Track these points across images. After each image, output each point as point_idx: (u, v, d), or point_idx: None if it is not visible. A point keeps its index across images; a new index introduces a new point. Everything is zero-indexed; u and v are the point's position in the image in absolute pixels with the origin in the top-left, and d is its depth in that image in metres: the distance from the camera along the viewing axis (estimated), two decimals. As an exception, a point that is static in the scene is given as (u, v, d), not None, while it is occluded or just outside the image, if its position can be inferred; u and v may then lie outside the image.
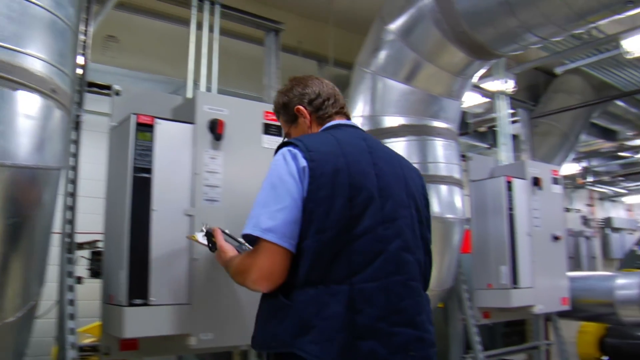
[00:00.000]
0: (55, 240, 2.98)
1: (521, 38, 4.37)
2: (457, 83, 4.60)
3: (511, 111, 6.83)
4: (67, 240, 3.53)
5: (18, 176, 2.13)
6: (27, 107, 2.16)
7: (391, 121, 4.47)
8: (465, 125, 9.80)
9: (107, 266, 3.34)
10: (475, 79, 4.88)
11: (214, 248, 2.64)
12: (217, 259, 2.57)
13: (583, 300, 6.20)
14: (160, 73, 6.43)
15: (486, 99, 8.02)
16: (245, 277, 2.16)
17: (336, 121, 2.43)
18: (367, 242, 2.09)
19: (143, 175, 3.12)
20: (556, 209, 5.64)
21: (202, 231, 2.76)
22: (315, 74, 7.73)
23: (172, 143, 3.24)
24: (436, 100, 4.53)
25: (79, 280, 3.54)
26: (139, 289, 3.03)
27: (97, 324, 3.58)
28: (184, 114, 3.42)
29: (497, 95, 6.57)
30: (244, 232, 2.15)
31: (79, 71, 3.70)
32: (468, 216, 5.15)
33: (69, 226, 3.54)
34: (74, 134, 3.60)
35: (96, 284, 3.49)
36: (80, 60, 3.72)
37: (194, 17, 4.32)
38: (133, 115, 3.14)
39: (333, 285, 2.03)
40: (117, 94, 3.57)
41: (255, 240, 2.10)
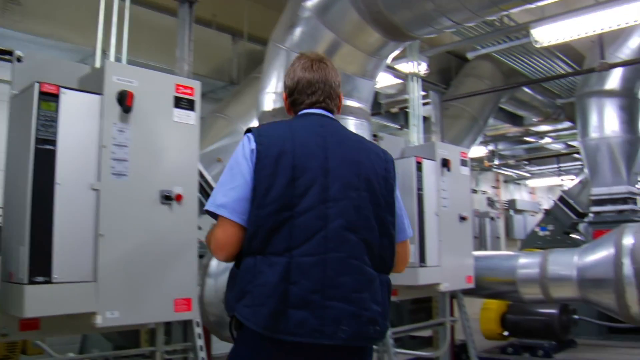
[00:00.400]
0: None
1: (436, 22, 4.44)
2: (372, 63, 4.62)
3: (423, 93, 6.93)
4: (-37, 213, 3.35)
5: None
6: None
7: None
8: (378, 106, 9.92)
9: (7, 242, 3.18)
10: (389, 60, 4.92)
11: None
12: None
13: (487, 278, 6.43)
14: (67, 40, 6.18)
15: (399, 81, 8.14)
16: (209, 248, 2.35)
17: (305, 110, 2.51)
18: (308, 219, 2.21)
19: (46, 147, 2.99)
20: (463, 190, 5.79)
21: None
22: (229, 48, 7.72)
23: (78, 114, 3.11)
24: (350, 79, 4.54)
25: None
26: (41, 266, 2.91)
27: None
28: (92, 84, 3.30)
29: (409, 77, 6.66)
30: (204, 208, 2.32)
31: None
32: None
33: (-36, 199, 3.37)
34: (-30, 101, 3.42)
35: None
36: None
37: (103, -18, 4.15)
38: (36, 84, 2.99)
39: (271, 257, 2.18)
40: (18, 60, 3.40)
41: (215, 216, 2.28)
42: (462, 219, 5.53)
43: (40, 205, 2.95)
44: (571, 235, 10.48)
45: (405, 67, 6.91)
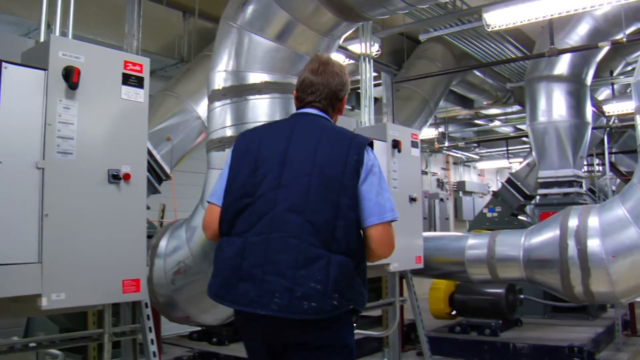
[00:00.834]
0: None
1: (389, 2, 4.43)
2: (324, 43, 4.59)
3: (374, 74, 6.93)
4: None
5: None
6: None
7: (255, 77, 4.39)
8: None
9: (-54, 221, 3.08)
10: (341, 40, 4.89)
11: None
12: None
13: (436, 259, 6.51)
14: (10, 13, 5.97)
15: (351, 61, 8.12)
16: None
17: (301, 110, 2.85)
18: (261, 204, 2.56)
19: (-13, 124, 2.89)
20: (414, 171, 5.82)
21: None
22: (180, 25, 7.58)
23: (21, 90, 3.01)
24: (302, 59, 4.50)
25: None
26: (-19, 246, 2.83)
27: None
28: (36, 59, 3.19)
29: (361, 58, 6.65)
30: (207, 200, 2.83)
31: None
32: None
33: None
34: None
35: None
36: None
37: (48, -47, 4.01)
38: (-24, 58, 2.89)
39: (233, 237, 2.59)
40: (-43, 33, 3.27)
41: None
42: (412, 200, 5.57)
43: (-19, 184, 2.85)
44: (518, 217, 10.68)
45: (358, 47, 6.89)
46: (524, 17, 7.02)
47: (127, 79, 3.45)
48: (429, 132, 14.16)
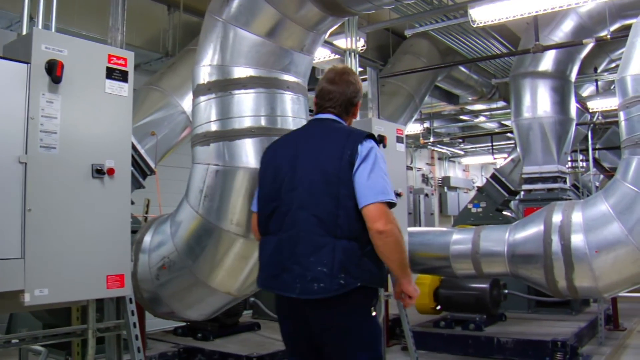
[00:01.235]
0: None
1: (375, -3, 4.43)
2: (309, 38, 4.58)
3: (360, 69, 6.92)
4: None
5: None
6: None
7: (240, 72, 4.37)
8: (315, 81, 9.86)
9: None
10: (326, 35, 4.88)
11: None
12: None
13: (420, 254, 6.52)
14: (-8, 6, 5.91)
15: (336, 56, 8.10)
16: None
17: (317, 115, 3.31)
18: (282, 206, 3.03)
19: (-31, 117, 2.86)
20: (399, 166, 5.83)
21: None
22: (165, 19, 7.54)
23: (2, 83, 2.99)
24: (287, 53, 4.48)
25: None
26: (-37, 241, 2.80)
27: None
28: (18, 52, 3.16)
29: (347, 52, 6.64)
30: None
31: None
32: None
33: None
34: None
35: None
36: None
37: (32, -55, 3.96)
38: (-43, 51, 2.86)
39: (269, 236, 3.09)
40: (-61, 25, 3.23)
41: None
42: (397, 195, 5.56)
43: (-37, 178, 2.82)
44: (503, 212, 10.73)
45: (343, 42, 6.88)
46: (509, 13, 7.06)
47: (111, 73, 3.44)
48: (414, 128, 14.17)
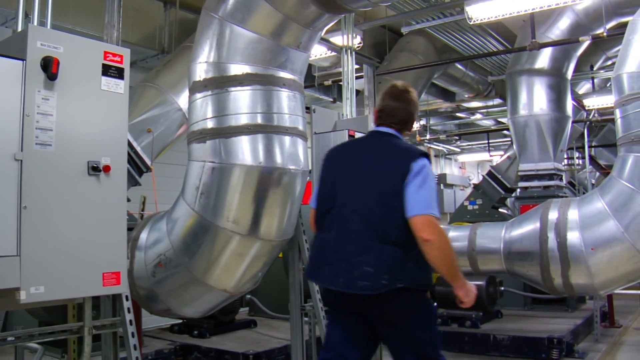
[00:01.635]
0: None
1: (371, -6, 4.42)
2: (306, 35, 4.57)
3: (356, 67, 6.93)
4: None
5: None
6: None
7: (236, 69, 4.37)
8: (311, 78, 9.88)
9: None
10: (323, 32, 4.87)
11: None
12: None
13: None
14: (-14, 2, 5.88)
15: (333, 53, 8.10)
16: None
17: (376, 128, 3.63)
18: (336, 207, 3.39)
19: (-36, 114, 2.85)
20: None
21: None
22: (161, 16, 7.52)
23: (-2, 80, 2.97)
24: (284, 50, 4.48)
25: None
26: (-42, 239, 2.79)
27: None
28: (14, 48, 3.15)
29: (343, 50, 6.64)
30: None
31: None
32: (310, 168, 5.20)
33: None
34: None
35: None
36: None
37: (27, -58, 3.95)
38: (-48, 47, 2.85)
39: (322, 233, 3.46)
40: None
41: None
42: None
43: (-42, 175, 2.82)
44: (499, 210, 10.72)
45: (340, 40, 6.88)
46: (506, 10, 7.06)
47: (107, 70, 3.42)
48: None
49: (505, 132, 15.48)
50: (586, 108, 11.54)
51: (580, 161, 13.73)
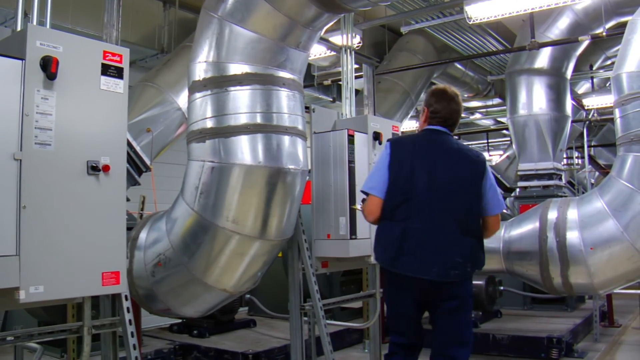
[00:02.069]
0: None
1: (371, -6, 4.42)
2: (305, 35, 4.57)
3: (356, 66, 6.92)
4: None
5: None
6: None
7: (236, 69, 4.37)
8: (311, 78, 9.88)
9: None
10: (322, 31, 4.87)
11: None
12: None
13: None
14: (-15, 1, 5.88)
15: (332, 53, 8.09)
16: (364, 215, 3.89)
17: (431, 126, 3.87)
18: (416, 201, 3.63)
19: (-37, 114, 2.85)
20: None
21: (359, 203, 4.46)
22: (160, 15, 7.52)
23: (-3, 79, 2.97)
24: (283, 50, 4.48)
25: None
26: (-42, 238, 2.79)
27: None
28: (13, 48, 3.15)
29: (343, 49, 6.63)
30: (361, 189, 3.89)
31: None
32: (310, 167, 5.19)
33: None
34: None
35: None
36: None
37: (27, -59, 3.94)
38: (-49, 46, 2.84)
39: (394, 222, 3.65)
40: None
41: (367, 194, 3.79)
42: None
43: (-43, 175, 2.82)
44: (498, 209, 10.72)
45: (339, 39, 6.87)
46: (505, 10, 7.07)
47: (106, 70, 3.42)
48: (410, 124, 14.15)
49: (504, 131, 15.46)
50: (585, 108, 11.55)
51: (580, 161, 13.75)
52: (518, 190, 9.30)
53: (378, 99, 9.25)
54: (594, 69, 10.71)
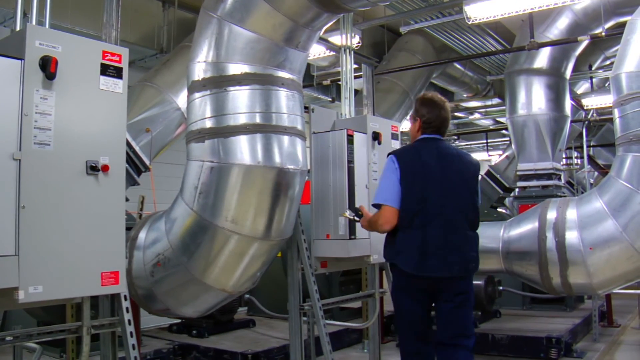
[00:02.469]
0: None
1: (370, -7, 4.42)
2: (305, 35, 4.57)
3: (355, 66, 6.92)
4: None
5: None
6: None
7: (235, 69, 4.37)
8: (310, 78, 9.87)
9: None
10: (322, 31, 4.87)
11: (358, 218, 4.37)
12: (363, 222, 4.34)
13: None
14: (-16, 1, 5.87)
15: (331, 53, 8.09)
16: (376, 224, 4.05)
17: (426, 135, 4.16)
18: (430, 207, 3.90)
19: (-38, 113, 2.85)
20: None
21: (347, 210, 4.55)
22: (159, 15, 7.52)
23: (-4, 79, 2.97)
24: (282, 50, 4.48)
25: None
26: (-44, 239, 2.79)
27: None
28: (12, 48, 3.14)
29: (342, 49, 6.63)
30: (373, 202, 4.11)
31: None
32: (309, 167, 5.19)
33: None
34: None
35: None
36: None
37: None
38: (-50, 46, 2.84)
39: (413, 230, 3.89)
40: None
41: (379, 206, 3.99)
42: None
43: (-44, 175, 2.81)
44: (498, 209, 10.74)
45: (338, 39, 6.87)
46: (505, 10, 7.07)
47: (105, 70, 3.42)
48: (409, 124, 14.13)
49: (503, 131, 15.46)
50: (585, 108, 11.55)
51: (579, 161, 13.75)
52: (517, 190, 9.31)
53: (377, 99, 9.25)
54: (593, 69, 10.71)
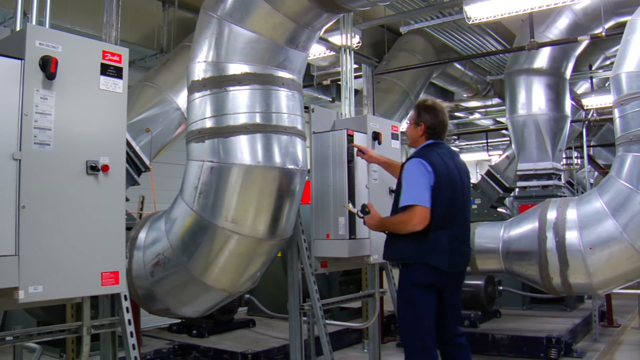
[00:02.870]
0: None
1: (370, -7, 4.42)
2: (305, 35, 4.57)
3: (355, 66, 6.91)
4: None
5: None
6: None
7: (235, 68, 4.37)
8: (310, 78, 9.87)
9: None
10: (322, 31, 4.87)
11: (364, 214, 4.54)
12: (370, 220, 4.52)
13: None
14: (-16, 1, 5.87)
15: (331, 53, 8.09)
16: (407, 224, 4.15)
17: (432, 140, 4.43)
18: (454, 210, 4.25)
19: (-38, 113, 2.85)
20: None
21: (349, 203, 4.87)
22: (159, 15, 7.52)
23: (-4, 79, 2.97)
24: (282, 50, 4.48)
25: None
26: (-43, 238, 2.79)
27: None
28: (12, 47, 3.14)
29: (342, 49, 6.63)
30: (404, 204, 4.17)
31: None
32: (309, 167, 5.19)
33: None
34: None
35: None
36: None
37: (25, -60, 3.93)
38: (-49, 46, 2.84)
39: (440, 231, 4.16)
40: None
41: (409, 206, 4.14)
42: (392, 191, 5.55)
43: (-44, 175, 2.81)
44: (498, 209, 10.73)
45: (338, 39, 6.87)
46: (505, 10, 7.07)
47: (105, 70, 3.42)
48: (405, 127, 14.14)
49: (503, 131, 15.48)
50: (585, 108, 11.54)
51: (579, 161, 13.75)
52: (517, 190, 9.31)
53: (377, 98, 9.25)
54: (593, 69, 10.71)
